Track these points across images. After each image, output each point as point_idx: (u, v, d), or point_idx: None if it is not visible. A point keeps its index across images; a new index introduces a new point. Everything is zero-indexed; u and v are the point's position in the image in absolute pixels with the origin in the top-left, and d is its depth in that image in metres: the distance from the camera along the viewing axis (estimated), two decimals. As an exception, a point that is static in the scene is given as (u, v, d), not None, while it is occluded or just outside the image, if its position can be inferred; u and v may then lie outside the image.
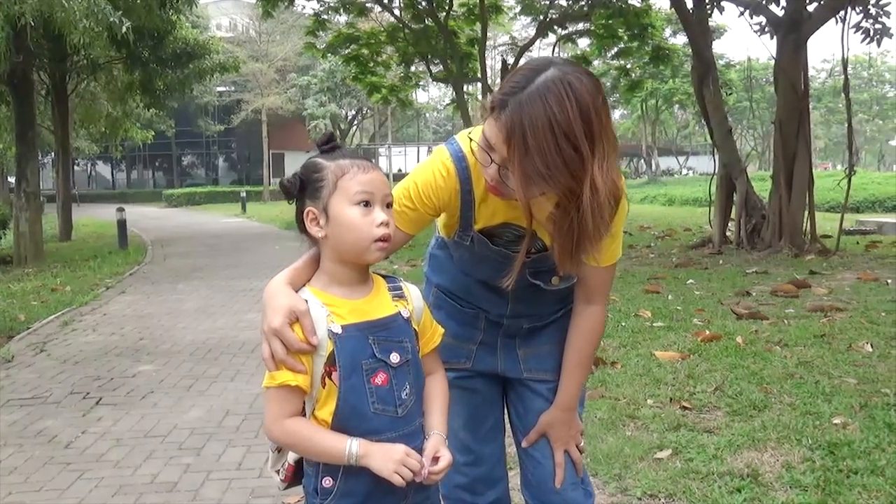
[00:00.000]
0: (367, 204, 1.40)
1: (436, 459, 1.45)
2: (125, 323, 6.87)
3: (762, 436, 3.30)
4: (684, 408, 3.73)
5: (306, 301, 1.40)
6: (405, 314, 1.49)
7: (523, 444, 1.82)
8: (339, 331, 1.39)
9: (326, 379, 1.39)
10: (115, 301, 8.18)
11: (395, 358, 1.43)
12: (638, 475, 2.98)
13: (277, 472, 1.52)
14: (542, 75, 1.37)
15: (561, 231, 1.46)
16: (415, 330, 1.50)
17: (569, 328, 1.74)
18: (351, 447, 1.36)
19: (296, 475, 1.50)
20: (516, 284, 1.61)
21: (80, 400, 4.46)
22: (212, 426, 3.97)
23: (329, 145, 1.46)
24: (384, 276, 1.54)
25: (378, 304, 1.47)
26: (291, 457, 1.49)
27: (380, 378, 1.41)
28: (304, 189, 1.44)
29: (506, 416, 1.93)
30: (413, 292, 1.55)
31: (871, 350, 4.65)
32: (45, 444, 3.74)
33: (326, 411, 1.40)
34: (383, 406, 1.42)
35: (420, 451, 1.44)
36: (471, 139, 1.53)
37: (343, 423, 1.39)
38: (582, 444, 1.80)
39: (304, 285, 1.45)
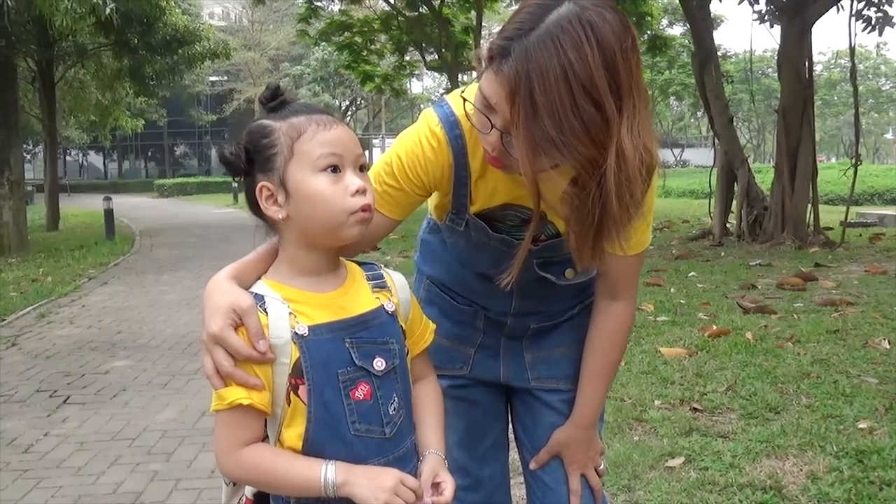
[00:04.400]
0: (335, 169, 1.11)
1: (436, 486, 1.17)
2: (104, 315, 6.57)
3: (782, 442, 3.04)
4: (695, 409, 3.47)
5: (261, 296, 1.11)
6: (389, 308, 1.19)
7: (532, 466, 1.52)
8: (306, 332, 1.10)
9: (292, 394, 1.10)
10: (95, 292, 7.88)
11: (379, 364, 1.14)
12: (649, 486, 2.72)
13: None
14: (555, 12, 1.06)
15: (579, 215, 1.16)
16: (401, 327, 1.21)
17: (589, 328, 1.44)
18: (326, 474, 1.08)
19: None
20: (521, 278, 1.31)
21: (46, 398, 4.17)
22: (185, 428, 3.68)
23: (276, 101, 1.15)
24: (360, 263, 1.25)
25: (354, 297, 1.17)
26: (249, 490, 1.20)
27: (361, 391, 1.12)
28: (252, 161, 1.13)
29: (511, 432, 1.64)
30: (398, 281, 1.26)
31: (888, 347, 4.39)
32: (2, 448, 3.45)
33: (294, 434, 1.11)
34: (367, 426, 1.13)
35: (414, 476, 1.16)
36: (464, 99, 1.22)
37: (316, 451, 1.11)
38: (602, 466, 1.51)
39: (257, 279, 1.16)
